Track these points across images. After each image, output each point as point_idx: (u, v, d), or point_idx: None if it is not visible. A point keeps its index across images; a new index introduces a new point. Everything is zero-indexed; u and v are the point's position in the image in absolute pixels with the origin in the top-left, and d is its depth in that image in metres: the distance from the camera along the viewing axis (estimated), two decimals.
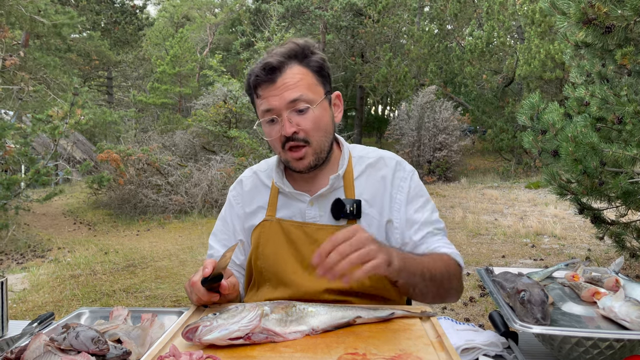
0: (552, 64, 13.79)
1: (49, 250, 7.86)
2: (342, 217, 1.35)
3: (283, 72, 1.28)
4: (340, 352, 0.92)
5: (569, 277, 1.23)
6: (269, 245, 1.40)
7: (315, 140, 1.32)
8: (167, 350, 0.92)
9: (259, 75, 1.29)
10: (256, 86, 1.31)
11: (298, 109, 1.28)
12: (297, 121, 1.29)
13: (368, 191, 1.40)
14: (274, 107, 1.28)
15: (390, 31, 19.22)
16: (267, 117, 1.30)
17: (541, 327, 0.94)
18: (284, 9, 19.36)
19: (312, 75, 1.32)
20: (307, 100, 1.29)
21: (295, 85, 1.28)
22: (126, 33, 22.17)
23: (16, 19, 12.82)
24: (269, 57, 1.30)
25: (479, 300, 4.60)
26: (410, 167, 1.48)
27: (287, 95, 1.27)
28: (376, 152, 1.49)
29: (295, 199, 1.40)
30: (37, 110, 12.21)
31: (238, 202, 1.51)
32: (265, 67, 1.28)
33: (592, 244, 6.52)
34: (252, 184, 1.51)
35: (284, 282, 1.37)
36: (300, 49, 1.32)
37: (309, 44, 1.34)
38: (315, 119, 1.30)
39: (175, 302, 4.87)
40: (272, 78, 1.28)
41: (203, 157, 12.97)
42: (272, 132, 1.32)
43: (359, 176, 1.42)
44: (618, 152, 3.20)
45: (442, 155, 15.34)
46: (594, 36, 3.07)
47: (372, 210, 1.38)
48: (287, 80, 1.28)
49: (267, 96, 1.29)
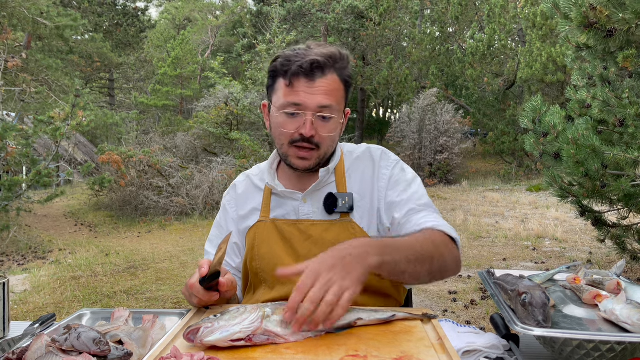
0: (554, 67, 13.80)
1: (50, 251, 7.87)
2: (335, 211, 1.36)
3: (325, 75, 1.29)
4: (342, 354, 0.92)
5: (571, 279, 1.23)
6: (263, 246, 1.40)
7: (325, 148, 1.34)
8: (168, 352, 0.92)
9: (303, 67, 1.27)
10: (294, 75, 1.28)
11: (324, 116, 1.30)
12: (318, 126, 1.30)
13: (358, 184, 1.42)
14: (303, 104, 1.28)
15: (392, 34, 19.24)
16: (292, 109, 1.29)
17: (543, 330, 0.94)
18: (285, 12, 19.39)
19: (343, 89, 1.35)
20: (334, 111, 1.31)
21: (330, 93, 1.30)
22: (128, 35, 22.23)
23: (19, 21, 12.86)
24: (315, 55, 1.28)
25: (480, 303, 4.60)
26: (395, 157, 1.48)
27: (321, 100, 1.28)
28: (364, 146, 1.51)
29: (288, 198, 1.42)
30: (39, 111, 12.24)
31: (232, 206, 1.52)
32: (313, 64, 1.27)
33: (593, 247, 6.51)
34: (245, 187, 1.53)
35: (280, 281, 1.37)
36: (341, 59, 1.33)
37: (348, 56, 1.36)
38: (333, 130, 1.33)
39: (176, 304, 4.87)
40: (313, 76, 1.28)
41: (204, 159, 12.98)
42: (290, 125, 1.31)
43: (349, 169, 1.44)
44: (620, 154, 3.20)
45: (443, 158, 15.33)
46: (596, 40, 3.07)
47: (364, 202, 1.39)
48: (325, 84, 1.29)
49: (301, 90, 1.28)
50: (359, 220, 1.37)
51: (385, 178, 1.42)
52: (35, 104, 14.09)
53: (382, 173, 1.42)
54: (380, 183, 1.41)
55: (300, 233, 1.37)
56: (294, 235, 1.38)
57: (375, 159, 1.45)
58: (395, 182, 1.41)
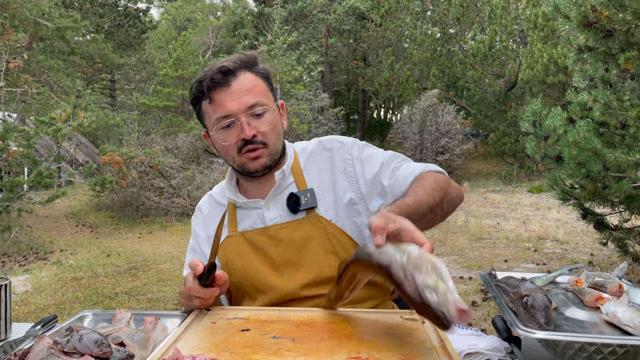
0: (555, 69, 13.79)
1: (51, 252, 7.87)
2: (300, 209, 1.37)
3: (237, 77, 1.31)
4: (343, 357, 0.92)
5: (572, 282, 1.23)
6: (237, 260, 1.40)
7: (272, 143, 1.35)
8: (170, 354, 0.92)
9: (214, 78, 1.30)
10: (210, 89, 1.31)
11: (256, 113, 1.32)
12: (255, 125, 1.32)
13: (317, 178, 1.42)
14: (232, 112, 1.30)
15: (393, 35, 19.25)
16: (225, 122, 1.31)
17: (544, 332, 0.94)
18: (286, 13, 19.41)
19: (263, 83, 1.36)
20: (263, 105, 1.33)
21: (251, 91, 1.32)
22: (129, 36, 22.27)
23: (20, 22, 12.88)
24: (222, 63, 1.32)
25: (481, 305, 4.59)
26: (349, 139, 1.48)
27: (245, 100, 1.30)
28: (315, 140, 1.51)
29: (252, 208, 1.42)
30: (40, 112, 12.24)
31: (200, 227, 1.53)
32: (222, 70, 1.30)
33: (594, 249, 6.50)
34: (209, 207, 1.54)
35: (260, 290, 1.38)
36: (248, 59, 1.36)
37: (255, 55, 1.38)
38: (271, 123, 1.34)
39: (177, 305, 4.86)
40: (227, 82, 1.30)
41: (205, 160, 13.00)
42: (229, 137, 1.33)
43: (305, 166, 1.44)
44: (621, 156, 3.20)
45: (444, 159, 15.33)
46: (595, 40, 3.07)
47: (326, 195, 1.39)
48: (242, 85, 1.31)
49: (223, 101, 1.30)
50: (325, 212, 1.37)
51: (354, 161, 1.40)
52: (36, 104, 14.11)
53: (347, 159, 1.41)
54: (351, 169, 1.40)
55: (270, 239, 1.38)
56: (264, 242, 1.38)
57: (331, 148, 1.45)
58: (364, 159, 1.40)
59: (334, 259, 1.34)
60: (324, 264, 1.34)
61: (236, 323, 1.12)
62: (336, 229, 1.36)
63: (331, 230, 1.36)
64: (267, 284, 1.36)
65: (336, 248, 1.35)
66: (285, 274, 1.36)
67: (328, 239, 1.35)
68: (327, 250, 1.35)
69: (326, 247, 1.35)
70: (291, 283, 1.34)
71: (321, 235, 1.35)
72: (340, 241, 1.36)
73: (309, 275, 1.34)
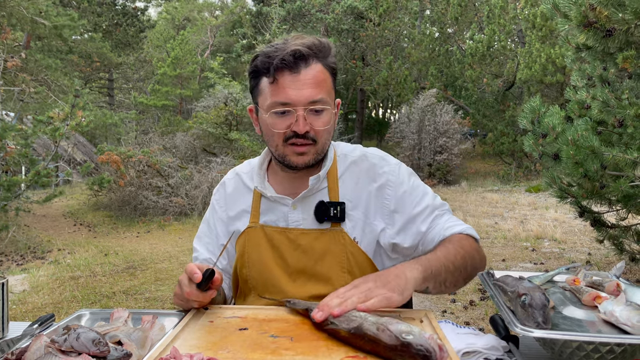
0: (553, 68, 13.79)
1: (49, 251, 7.86)
2: (326, 220, 1.32)
3: (308, 65, 1.22)
4: (342, 355, 0.92)
5: (570, 281, 1.23)
6: (254, 253, 1.38)
7: (321, 142, 1.29)
8: (168, 352, 0.92)
9: (285, 59, 1.20)
10: (277, 70, 1.21)
11: (315, 109, 1.24)
12: (311, 121, 1.24)
13: (352, 192, 1.36)
14: (292, 101, 1.22)
15: (391, 34, 19.23)
16: (280, 108, 1.23)
17: (542, 331, 0.94)
18: (285, 12, 19.38)
19: (331, 79, 1.28)
20: (325, 103, 1.25)
21: (318, 85, 1.23)
22: (127, 35, 22.21)
23: (17, 21, 12.84)
24: (295, 45, 1.21)
25: (479, 304, 4.60)
26: (395, 160, 1.42)
27: (309, 93, 1.22)
28: (360, 150, 1.44)
29: (278, 203, 1.37)
30: (38, 111, 12.21)
31: (221, 205, 1.48)
32: (295, 54, 1.20)
33: (592, 248, 6.52)
34: (234, 186, 1.48)
35: (269, 290, 1.36)
36: (323, 47, 1.26)
37: (330, 44, 1.28)
38: (327, 122, 1.27)
39: (174, 304, 4.86)
40: (297, 67, 1.21)
41: (203, 159, 12.98)
42: (281, 124, 1.25)
43: (342, 174, 1.38)
44: (619, 155, 3.20)
45: (442, 159, 15.33)
46: (595, 39, 3.07)
47: (356, 212, 1.34)
48: (310, 76, 1.22)
49: (287, 87, 1.21)
50: (350, 230, 1.33)
51: (392, 187, 1.36)
52: (34, 103, 14.08)
53: (388, 180, 1.36)
54: (388, 191, 1.35)
55: (289, 242, 1.34)
56: (283, 243, 1.35)
57: (374, 165, 1.39)
58: (408, 191, 1.36)
59: (348, 277, 1.30)
60: (337, 281, 1.31)
61: (234, 322, 1.12)
62: (357, 249, 1.33)
63: (352, 249, 1.32)
64: (278, 286, 1.34)
65: (353, 267, 1.32)
66: (297, 281, 1.34)
67: (347, 257, 1.32)
68: (344, 268, 1.32)
69: (343, 264, 1.32)
70: (301, 291, 1.32)
71: (341, 251, 1.32)
72: (359, 262, 1.33)
73: (320, 288, 1.31)
